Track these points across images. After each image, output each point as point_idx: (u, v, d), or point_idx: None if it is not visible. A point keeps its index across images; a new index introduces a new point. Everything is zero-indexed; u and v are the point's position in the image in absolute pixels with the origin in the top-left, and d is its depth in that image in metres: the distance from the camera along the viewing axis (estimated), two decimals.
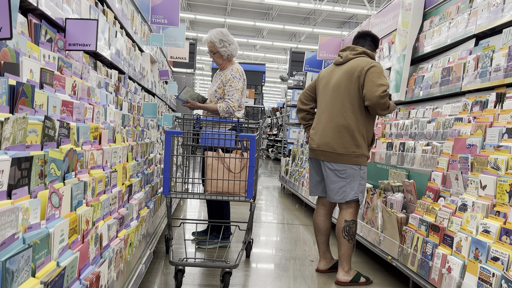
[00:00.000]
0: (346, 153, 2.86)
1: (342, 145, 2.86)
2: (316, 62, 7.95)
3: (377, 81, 2.76)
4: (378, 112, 2.84)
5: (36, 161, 1.29)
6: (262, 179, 9.53)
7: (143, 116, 3.45)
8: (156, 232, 3.25)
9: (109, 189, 2.01)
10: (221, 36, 3.53)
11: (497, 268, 1.86)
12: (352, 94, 2.86)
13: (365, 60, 2.89)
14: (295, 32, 20.53)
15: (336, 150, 2.87)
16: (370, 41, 3.09)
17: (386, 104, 2.79)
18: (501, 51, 2.64)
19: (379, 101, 2.74)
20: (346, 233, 2.91)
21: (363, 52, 2.98)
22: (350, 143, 2.86)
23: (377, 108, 2.80)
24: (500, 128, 2.34)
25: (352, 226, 2.92)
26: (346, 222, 2.91)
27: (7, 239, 1.06)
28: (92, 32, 2.04)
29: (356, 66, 2.87)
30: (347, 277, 2.91)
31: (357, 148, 2.87)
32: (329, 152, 2.90)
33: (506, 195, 2.05)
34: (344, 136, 2.86)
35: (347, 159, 2.87)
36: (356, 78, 2.85)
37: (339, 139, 2.87)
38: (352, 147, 2.86)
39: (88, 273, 1.53)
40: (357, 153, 2.87)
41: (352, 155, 2.86)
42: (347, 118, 2.86)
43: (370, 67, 2.82)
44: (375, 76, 2.78)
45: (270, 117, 18.15)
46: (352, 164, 2.87)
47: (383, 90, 2.74)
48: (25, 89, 1.36)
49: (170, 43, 5.99)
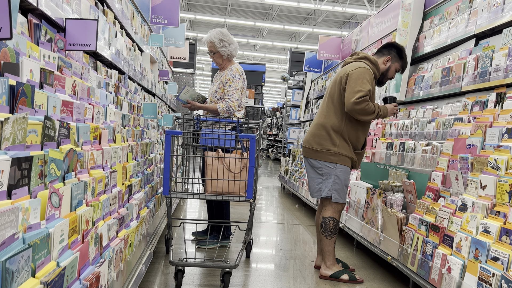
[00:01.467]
0: (322, 150, 2.98)
1: (319, 143, 3.00)
2: (316, 62, 7.95)
3: (355, 87, 2.82)
4: (359, 117, 2.89)
5: (36, 161, 1.29)
6: (262, 179, 9.53)
7: (143, 116, 3.45)
8: (156, 232, 3.25)
9: (109, 189, 2.01)
10: (220, 36, 3.53)
11: (497, 268, 1.86)
12: (335, 96, 2.97)
13: (355, 65, 2.95)
14: (295, 32, 20.53)
15: (313, 146, 3.02)
16: (385, 48, 3.12)
17: (364, 109, 2.82)
18: (501, 51, 2.64)
19: (354, 107, 2.81)
20: (323, 229, 3.02)
21: (364, 57, 3.02)
22: (327, 141, 2.97)
23: (354, 114, 2.86)
24: (500, 128, 2.34)
25: (329, 223, 2.99)
26: (323, 219, 3.02)
27: (7, 239, 1.06)
28: (92, 32, 2.04)
29: (344, 70, 2.97)
30: (327, 272, 2.99)
31: (334, 147, 2.95)
32: (308, 148, 3.07)
33: (506, 195, 2.05)
34: (321, 134, 2.99)
35: (323, 156, 2.98)
36: (339, 82, 2.96)
37: (316, 136, 3.02)
38: (328, 145, 2.96)
39: (88, 273, 1.53)
40: (332, 151, 2.95)
41: (328, 153, 2.97)
42: (327, 117, 2.99)
43: (353, 71, 2.88)
44: (353, 81, 2.84)
45: (270, 117, 18.15)
46: (327, 161, 2.98)
47: (358, 96, 2.78)
48: (25, 89, 1.36)
49: (170, 43, 5.99)
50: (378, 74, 3.07)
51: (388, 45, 3.14)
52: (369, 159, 4.04)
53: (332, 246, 3.01)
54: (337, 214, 3.02)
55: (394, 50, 3.11)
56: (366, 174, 3.88)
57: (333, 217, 3.00)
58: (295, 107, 9.65)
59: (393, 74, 3.14)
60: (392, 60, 3.10)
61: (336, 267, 3.01)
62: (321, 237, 3.03)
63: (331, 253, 3.02)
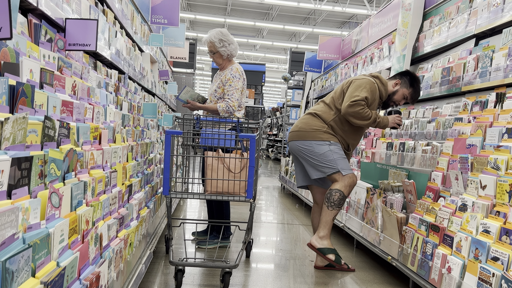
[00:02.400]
0: (311, 130, 3.05)
1: (307, 123, 3.10)
2: (316, 62, 7.95)
3: (353, 93, 2.93)
4: (352, 121, 2.97)
5: (36, 161, 1.29)
6: (262, 179, 9.54)
7: (143, 116, 3.45)
8: (156, 232, 3.25)
9: (109, 189, 2.01)
10: (220, 36, 3.53)
11: (497, 268, 1.86)
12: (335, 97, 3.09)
13: (360, 76, 3.07)
14: (295, 32, 20.53)
15: (301, 128, 3.11)
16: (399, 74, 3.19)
17: (357, 112, 2.89)
18: (501, 51, 2.64)
19: (347, 110, 2.90)
20: (327, 199, 3.01)
21: (376, 76, 3.11)
22: (316, 122, 3.07)
23: (348, 116, 2.95)
24: (500, 128, 2.34)
25: (334, 195, 2.97)
26: (329, 191, 3.02)
27: (7, 239, 1.06)
28: (92, 32, 2.04)
29: (351, 78, 3.09)
30: (316, 243, 2.98)
31: (322, 127, 3.05)
32: (295, 131, 3.15)
33: (506, 195, 2.06)
34: (311, 117, 3.12)
35: (313, 135, 3.04)
36: (341, 87, 3.10)
37: (305, 119, 3.14)
38: (316, 126, 3.05)
39: (88, 273, 1.53)
40: (322, 130, 3.03)
41: (317, 132, 3.03)
42: (319, 109, 3.13)
43: (356, 79, 3.02)
44: (353, 88, 2.95)
45: (270, 117, 18.16)
46: (318, 140, 3.03)
47: (353, 100, 2.88)
48: (25, 89, 1.36)
49: (170, 43, 5.99)
50: (385, 95, 3.10)
51: (404, 72, 3.21)
52: (369, 159, 4.04)
53: (331, 218, 2.98)
54: (346, 189, 2.98)
55: (407, 77, 3.13)
56: (366, 174, 3.88)
57: (340, 190, 2.97)
58: (295, 107, 9.66)
59: (400, 99, 3.14)
60: (401, 85, 3.12)
61: (327, 243, 2.98)
62: (323, 207, 3.02)
63: (327, 224, 2.98)
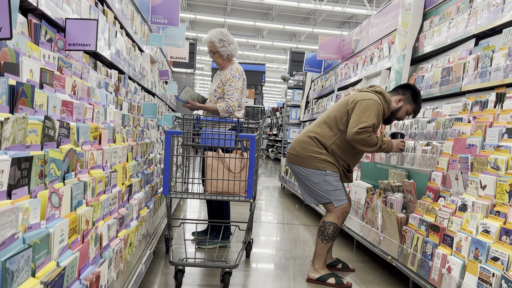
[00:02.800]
0: (308, 157, 2.90)
1: (305, 149, 2.92)
2: (316, 62, 7.95)
3: (361, 117, 2.77)
4: (359, 148, 2.82)
5: (36, 161, 1.29)
6: (262, 179, 9.54)
7: (143, 116, 3.45)
8: (156, 232, 3.25)
9: (109, 189, 2.01)
10: (220, 36, 3.53)
11: (497, 268, 1.86)
12: (338, 116, 2.90)
13: (367, 95, 2.88)
14: (295, 32, 20.53)
15: (298, 152, 2.94)
16: (401, 88, 3.05)
17: (365, 140, 2.76)
18: (501, 51, 2.64)
19: (355, 137, 2.75)
20: (321, 233, 2.95)
21: (379, 92, 2.95)
22: (313, 147, 2.90)
23: (355, 143, 2.80)
24: (500, 128, 2.34)
25: (328, 228, 2.91)
26: (323, 223, 2.95)
27: (7, 239, 1.06)
28: (92, 32, 2.04)
29: (355, 96, 2.90)
30: (314, 274, 2.95)
31: (319, 154, 2.88)
32: (293, 154, 2.98)
33: (506, 195, 2.06)
34: (308, 141, 2.92)
35: (309, 163, 2.90)
36: (345, 103, 2.90)
37: (303, 143, 2.95)
38: (314, 153, 2.89)
39: (88, 273, 1.53)
40: (319, 158, 2.88)
41: (315, 160, 2.88)
42: (319, 128, 2.94)
43: (362, 99, 2.83)
44: (360, 111, 2.79)
45: (270, 117, 18.16)
46: (314, 169, 2.89)
47: (361, 127, 2.73)
48: (25, 89, 1.36)
49: (170, 43, 5.99)
50: (388, 112, 2.97)
51: (406, 86, 3.06)
52: (369, 159, 4.04)
53: (326, 251, 2.94)
54: (339, 220, 2.93)
55: (409, 91, 3.01)
56: (366, 174, 3.88)
57: (334, 223, 2.91)
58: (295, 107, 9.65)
59: (403, 115, 3.03)
60: (405, 101, 3.00)
61: (324, 271, 2.94)
62: (317, 239, 2.96)
63: (322, 256, 2.95)
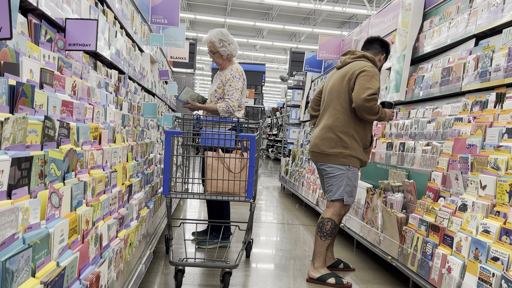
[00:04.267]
0: (333, 154, 2.91)
1: (329, 146, 2.92)
2: (316, 62, 7.95)
3: (366, 84, 2.78)
4: (364, 116, 2.82)
5: (36, 161, 1.29)
6: (262, 179, 9.53)
7: (143, 116, 3.45)
8: (156, 232, 3.25)
9: (109, 189, 2.01)
10: (220, 36, 3.53)
11: (497, 268, 1.86)
12: (343, 96, 2.90)
13: (359, 64, 2.91)
14: (295, 32, 20.53)
15: (323, 150, 2.95)
16: (378, 45, 3.11)
17: (372, 108, 2.77)
18: (501, 51, 2.64)
19: (364, 104, 2.74)
20: (319, 229, 2.95)
21: (362, 56, 3.00)
22: (337, 144, 2.90)
23: (362, 111, 2.79)
24: (500, 128, 2.34)
25: (327, 224, 2.92)
26: (321, 219, 2.96)
27: (7, 239, 1.06)
28: (92, 32, 2.04)
29: (349, 70, 2.92)
30: (314, 273, 2.94)
31: (344, 149, 2.90)
32: (317, 152, 2.99)
33: (506, 195, 2.05)
34: (331, 137, 2.92)
35: (334, 159, 2.92)
36: (347, 81, 2.89)
37: (325, 139, 2.94)
38: (338, 148, 2.90)
39: (88, 273, 1.53)
40: (344, 153, 2.90)
41: (339, 156, 2.90)
42: (335, 119, 2.91)
43: (361, 70, 2.84)
44: (365, 79, 2.80)
45: (270, 117, 18.15)
46: (339, 164, 2.92)
47: (370, 93, 2.74)
48: (25, 89, 1.36)
49: (170, 43, 5.99)
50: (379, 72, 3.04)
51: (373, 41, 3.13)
52: (369, 159, 4.03)
53: (325, 248, 2.94)
54: (337, 217, 2.95)
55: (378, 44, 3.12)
56: (366, 174, 3.88)
57: (332, 219, 2.93)
58: (295, 107, 9.65)
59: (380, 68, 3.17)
60: (384, 58, 3.13)
61: (324, 270, 2.93)
62: (316, 236, 2.96)
63: (321, 254, 2.94)
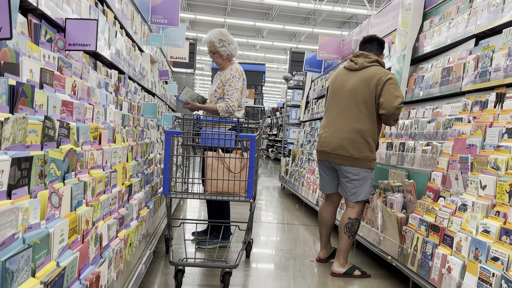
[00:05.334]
0: (361, 158, 3.03)
1: (358, 150, 3.02)
2: (316, 62, 7.95)
3: (395, 92, 2.97)
4: (390, 122, 3.03)
5: (36, 161, 1.29)
6: (262, 179, 9.54)
7: (143, 116, 3.45)
8: (156, 232, 3.25)
9: (109, 189, 2.01)
10: (220, 36, 3.53)
11: (497, 268, 1.86)
12: (369, 102, 3.02)
13: (381, 70, 3.07)
14: (295, 32, 20.53)
15: (352, 154, 3.03)
16: (377, 44, 3.24)
17: (398, 115, 3.00)
18: (501, 51, 2.64)
19: (395, 111, 2.95)
20: (348, 229, 3.08)
21: (376, 61, 3.14)
22: (365, 148, 3.03)
23: (391, 118, 2.99)
24: (500, 128, 2.34)
25: (355, 224, 3.09)
26: (349, 220, 3.09)
27: (7, 239, 1.06)
28: (92, 32, 2.04)
29: (373, 75, 3.03)
30: (341, 269, 3.10)
31: (371, 153, 3.06)
32: (345, 156, 3.05)
33: (506, 195, 2.05)
34: (360, 141, 3.02)
35: (362, 163, 3.04)
36: (374, 87, 3.01)
37: (355, 143, 3.02)
38: (366, 152, 3.04)
39: (88, 273, 1.53)
40: (370, 157, 3.06)
41: (366, 160, 3.05)
42: (363, 123, 3.03)
43: (388, 78, 3.01)
44: (393, 87, 2.98)
45: (270, 117, 18.15)
46: (366, 168, 3.06)
47: (400, 102, 2.95)
48: (25, 89, 1.36)
49: (170, 43, 5.99)
50: None
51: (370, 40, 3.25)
52: None
53: (350, 246, 3.12)
54: (361, 216, 3.14)
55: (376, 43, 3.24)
56: None
57: (358, 219, 3.10)
58: (295, 107, 9.65)
59: None
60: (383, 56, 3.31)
61: (348, 265, 3.12)
62: (343, 236, 3.09)
63: (347, 252, 3.11)
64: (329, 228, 3.35)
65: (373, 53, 3.18)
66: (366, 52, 3.17)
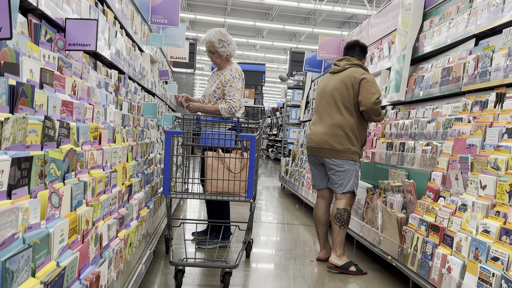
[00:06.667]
0: (343, 150, 3.21)
1: (340, 142, 3.21)
2: (316, 62, 7.94)
3: (371, 89, 3.17)
4: (371, 117, 3.21)
5: (36, 161, 1.29)
6: (262, 179, 9.54)
7: (143, 116, 3.45)
8: (156, 232, 3.25)
9: (109, 189, 2.01)
10: (220, 36, 3.52)
11: (497, 268, 1.86)
12: (347, 99, 3.22)
13: (358, 70, 3.27)
14: (295, 32, 20.53)
15: (334, 147, 3.22)
16: (359, 50, 3.43)
17: (378, 110, 3.19)
18: (501, 51, 2.64)
19: (373, 106, 3.14)
20: (338, 219, 3.20)
21: (357, 64, 3.34)
22: (346, 141, 3.21)
23: (370, 113, 3.18)
24: (500, 128, 2.34)
25: (343, 214, 3.20)
26: (338, 210, 3.21)
27: (7, 239, 1.06)
28: (92, 32, 2.04)
29: (349, 75, 3.25)
30: (337, 261, 3.17)
31: (352, 146, 3.22)
32: (328, 149, 3.24)
33: (506, 195, 2.05)
34: (341, 134, 3.21)
35: (344, 155, 3.21)
36: (351, 85, 3.22)
37: (336, 137, 3.21)
38: (347, 144, 3.21)
39: (88, 273, 1.53)
40: (352, 150, 3.22)
41: (348, 152, 3.21)
42: (343, 118, 3.22)
43: (363, 77, 3.20)
44: (369, 85, 3.18)
45: (270, 117, 18.15)
46: (349, 160, 3.22)
47: (377, 97, 3.15)
48: (25, 89, 1.36)
49: (170, 43, 5.98)
50: None
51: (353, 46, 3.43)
52: (369, 159, 4.03)
53: (344, 236, 3.20)
54: (349, 207, 3.24)
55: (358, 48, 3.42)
56: (366, 174, 3.88)
57: (347, 209, 3.21)
58: (295, 107, 9.65)
59: None
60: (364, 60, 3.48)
61: (345, 258, 3.18)
62: (334, 227, 3.20)
63: (342, 242, 3.19)
64: (325, 226, 3.40)
65: (355, 58, 3.37)
66: (348, 56, 3.39)
